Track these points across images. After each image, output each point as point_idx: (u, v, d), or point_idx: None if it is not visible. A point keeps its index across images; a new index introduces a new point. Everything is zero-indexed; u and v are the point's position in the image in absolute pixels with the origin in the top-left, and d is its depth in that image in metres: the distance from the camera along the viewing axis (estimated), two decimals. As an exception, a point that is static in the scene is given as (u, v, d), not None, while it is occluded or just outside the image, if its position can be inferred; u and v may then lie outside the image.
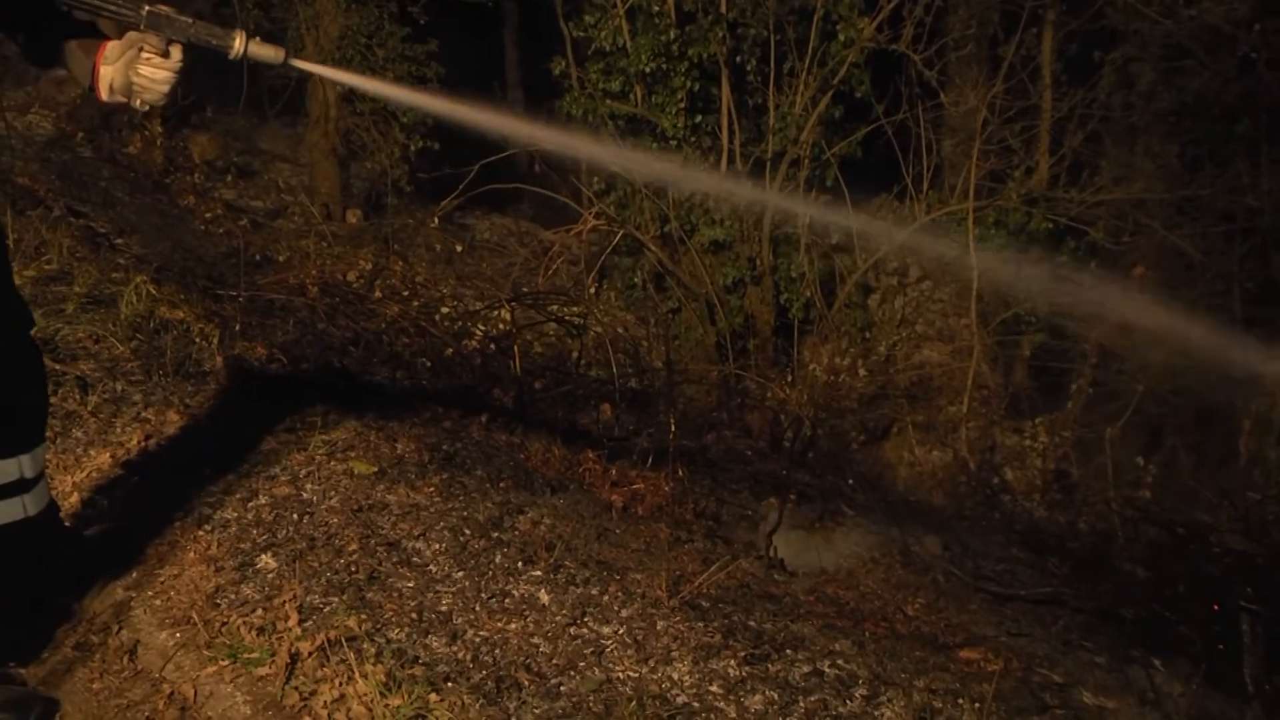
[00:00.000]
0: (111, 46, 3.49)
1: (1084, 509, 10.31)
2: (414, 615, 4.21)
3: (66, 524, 4.50)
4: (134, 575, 4.43)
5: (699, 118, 12.77)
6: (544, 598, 4.41)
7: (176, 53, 3.42)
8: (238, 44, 3.40)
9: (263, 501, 4.92)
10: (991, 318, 11.99)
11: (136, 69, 3.45)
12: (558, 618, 4.31)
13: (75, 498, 4.95)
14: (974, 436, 11.35)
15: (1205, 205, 11.11)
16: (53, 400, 4.36)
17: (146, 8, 3.38)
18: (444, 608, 4.29)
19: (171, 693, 3.90)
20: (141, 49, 3.43)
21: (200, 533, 4.68)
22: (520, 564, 4.64)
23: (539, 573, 4.59)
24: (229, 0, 16.11)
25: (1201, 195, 11.16)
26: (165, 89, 3.48)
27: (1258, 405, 10.08)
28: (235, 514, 4.82)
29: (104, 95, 3.54)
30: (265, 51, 3.46)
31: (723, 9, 12.54)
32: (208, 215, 13.44)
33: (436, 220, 14.77)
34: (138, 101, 3.52)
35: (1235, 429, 10.24)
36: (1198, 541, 8.89)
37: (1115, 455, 10.49)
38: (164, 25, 3.39)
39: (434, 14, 15.31)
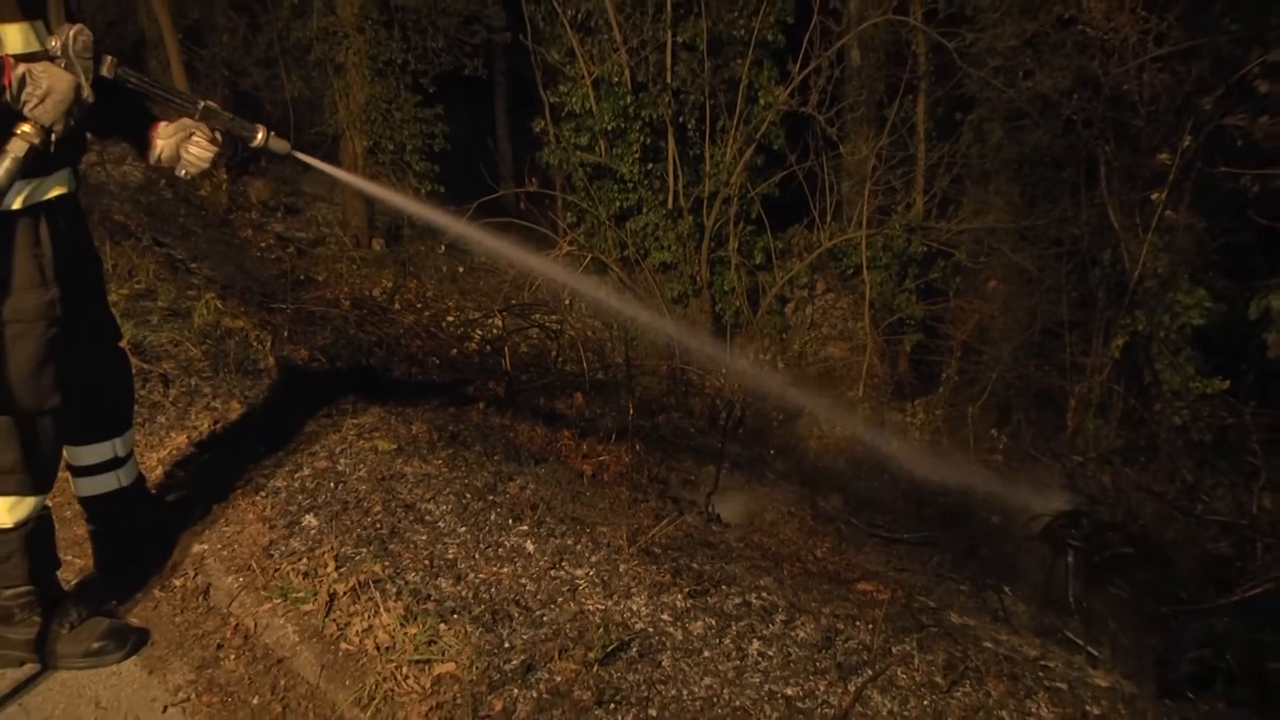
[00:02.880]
0: (164, 127, 3.63)
1: (950, 471, 10.33)
2: (426, 562, 4.20)
3: (152, 491, 4.49)
4: (205, 532, 4.43)
5: (650, 165, 12.77)
6: (529, 547, 4.40)
7: (219, 138, 3.61)
8: (260, 136, 3.66)
9: (306, 473, 4.91)
10: (880, 321, 12.03)
11: (186, 147, 3.60)
12: (540, 563, 4.30)
13: (159, 470, 4.96)
14: (867, 415, 11.38)
15: (1040, 233, 11.17)
16: (140, 393, 4.37)
17: (202, 104, 3.56)
18: (450, 556, 4.28)
19: (236, 624, 3.92)
20: (192, 134, 3.59)
21: (257, 498, 4.67)
22: (510, 520, 4.63)
23: (525, 527, 4.58)
24: (276, 74, 16.10)
25: (1038, 225, 11.23)
26: (208, 165, 3.67)
27: (1080, 388, 10.13)
28: (284, 483, 4.81)
29: (150, 160, 3.69)
30: (279, 144, 3.73)
31: (668, 79, 12.55)
32: (262, 244, 13.40)
33: (443, 247, 14.76)
34: (182, 171, 3.67)
35: (1063, 407, 10.29)
36: (1036, 495, 8.91)
37: (975, 428, 10.53)
38: (213, 118, 3.59)
39: (441, 85, 15.36)
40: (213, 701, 3.56)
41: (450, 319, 12.08)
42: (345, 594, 3.93)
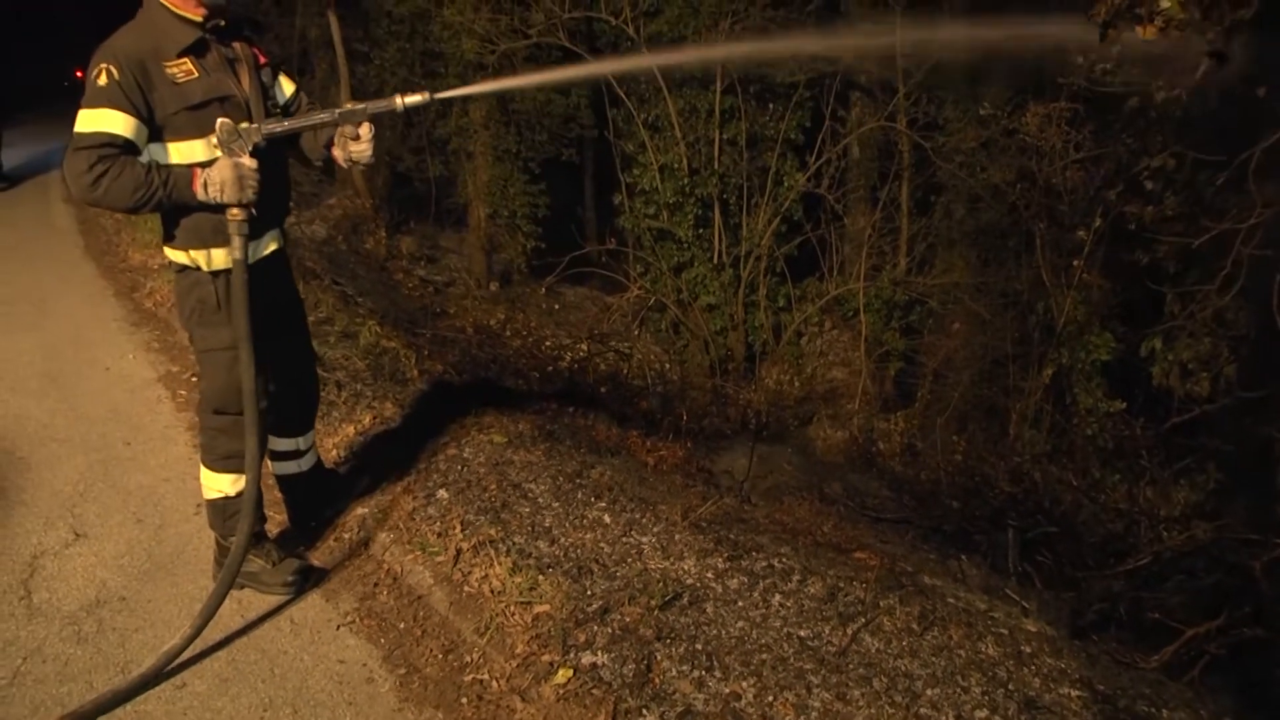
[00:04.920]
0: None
1: (923, 467, 10.31)
2: (529, 528, 4.21)
3: (328, 467, 4.57)
4: (366, 499, 4.48)
5: (701, 230, 12.76)
6: (606, 519, 4.39)
7: (364, 130, 3.40)
8: (398, 102, 3.33)
9: (440, 458, 4.92)
10: (872, 352, 11.99)
11: (348, 148, 3.46)
12: (614, 531, 4.28)
13: (334, 452, 5.03)
14: (861, 423, 11.34)
15: (992, 288, 11.16)
16: (320, 394, 4.43)
17: (337, 112, 3.38)
18: (546, 524, 4.27)
19: (388, 569, 4.00)
20: (348, 137, 3.44)
21: (404, 475, 4.70)
22: (592, 498, 4.61)
23: (603, 504, 4.56)
24: (424, 158, 16.26)
25: (990, 281, 11.23)
26: (369, 152, 3.47)
27: (1019, 405, 10.11)
28: (424, 464, 4.83)
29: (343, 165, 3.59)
30: (417, 98, 3.36)
31: (715, 166, 12.58)
32: (409, 285, 13.52)
33: (543, 289, 14.83)
34: (360, 165, 3.57)
35: (1007, 420, 10.27)
36: (986, 486, 8.89)
37: (941, 435, 10.46)
38: (353, 116, 3.37)
39: (544, 167, 15.41)
40: (371, 624, 3.64)
41: (547, 344, 12.18)
42: (468, 550, 3.96)
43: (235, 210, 3.23)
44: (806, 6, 12.36)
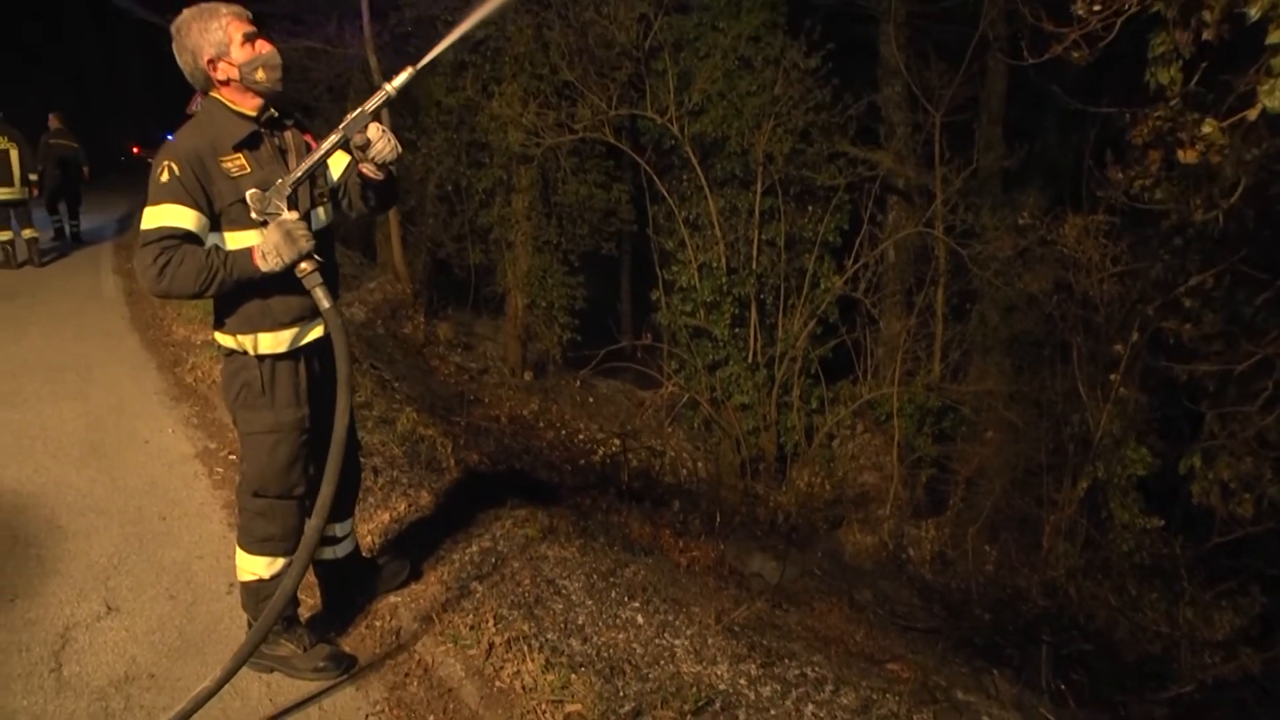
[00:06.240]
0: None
1: (954, 576, 10.19)
2: (562, 625, 4.16)
3: (364, 555, 4.54)
4: (400, 588, 4.44)
5: (737, 329, 12.79)
6: (640, 619, 4.34)
7: (373, 132, 3.29)
8: (388, 88, 3.17)
9: (474, 549, 4.89)
10: (905, 458, 11.90)
11: (370, 156, 3.37)
12: (648, 632, 4.23)
13: (368, 538, 4.99)
14: (892, 528, 11.22)
15: (1026, 397, 11.13)
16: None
17: (341, 130, 3.29)
18: (580, 622, 4.22)
19: (419, 659, 3.93)
20: (362, 145, 3.33)
21: (438, 565, 4.66)
22: (626, 598, 4.56)
23: (637, 604, 4.51)
24: (464, 246, 16.44)
25: (1024, 391, 11.20)
26: (390, 147, 3.37)
27: (1053, 517, 9.99)
28: (458, 556, 4.80)
29: (373, 174, 3.47)
30: (402, 76, 3.17)
31: (754, 266, 12.65)
32: (445, 371, 13.60)
33: (578, 382, 14.86)
34: (389, 162, 3.42)
35: (1040, 532, 10.14)
36: (1019, 599, 8.76)
37: (973, 545, 10.34)
38: (355, 124, 3.26)
39: (583, 259, 15.53)
40: (400, 715, 3.56)
41: (580, 437, 12.17)
42: (501, 645, 3.91)
43: (303, 265, 3.28)
44: (848, 110, 12.49)
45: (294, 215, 3.30)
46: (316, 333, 3.62)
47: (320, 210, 3.54)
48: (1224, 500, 7.01)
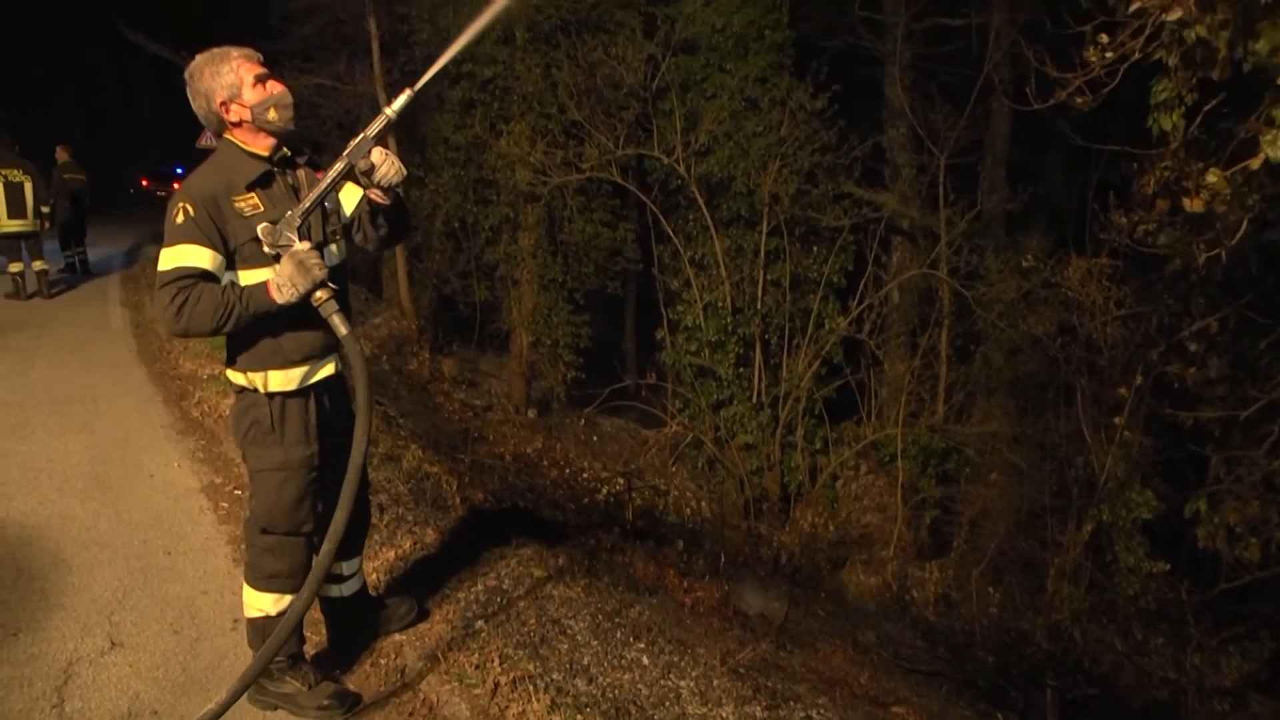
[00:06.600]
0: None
1: (957, 618, 10.15)
2: (568, 665, 4.14)
3: (370, 593, 4.52)
4: (405, 627, 4.42)
5: (742, 369, 12.81)
6: (645, 660, 4.32)
7: (376, 156, 3.29)
8: (389, 112, 3.20)
9: (480, 588, 4.86)
10: (908, 499, 11.88)
11: (376, 180, 3.37)
12: (653, 673, 4.21)
13: (373, 576, 4.95)
14: (895, 570, 11.18)
15: (1030, 439, 11.13)
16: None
17: (345, 157, 3.30)
18: (585, 662, 4.20)
19: (424, 698, 3.90)
20: (367, 170, 3.33)
21: (443, 604, 4.63)
22: (631, 639, 4.54)
23: (642, 645, 4.49)
24: (470, 283, 16.48)
25: (1028, 433, 11.20)
26: (395, 170, 3.36)
27: (1058, 560, 9.97)
28: (464, 594, 4.77)
29: (381, 199, 3.50)
30: (401, 99, 3.19)
31: (759, 306, 12.69)
32: (449, 408, 13.58)
33: (582, 420, 14.85)
34: (395, 185, 3.42)
35: (1044, 574, 10.12)
36: (1023, 642, 8.73)
37: (977, 587, 10.31)
38: (359, 150, 3.26)
39: (587, 298, 15.55)
40: (404, 756, 3.58)
41: (584, 475, 12.15)
42: (506, 684, 3.88)
43: (318, 294, 3.31)
44: (853, 151, 12.56)
45: (306, 245, 3.33)
46: (326, 371, 3.63)
47: (334, 246, 3.57)
48: (1230, 545, 6.99)
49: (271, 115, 3.36)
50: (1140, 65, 4.91)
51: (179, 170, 44.39)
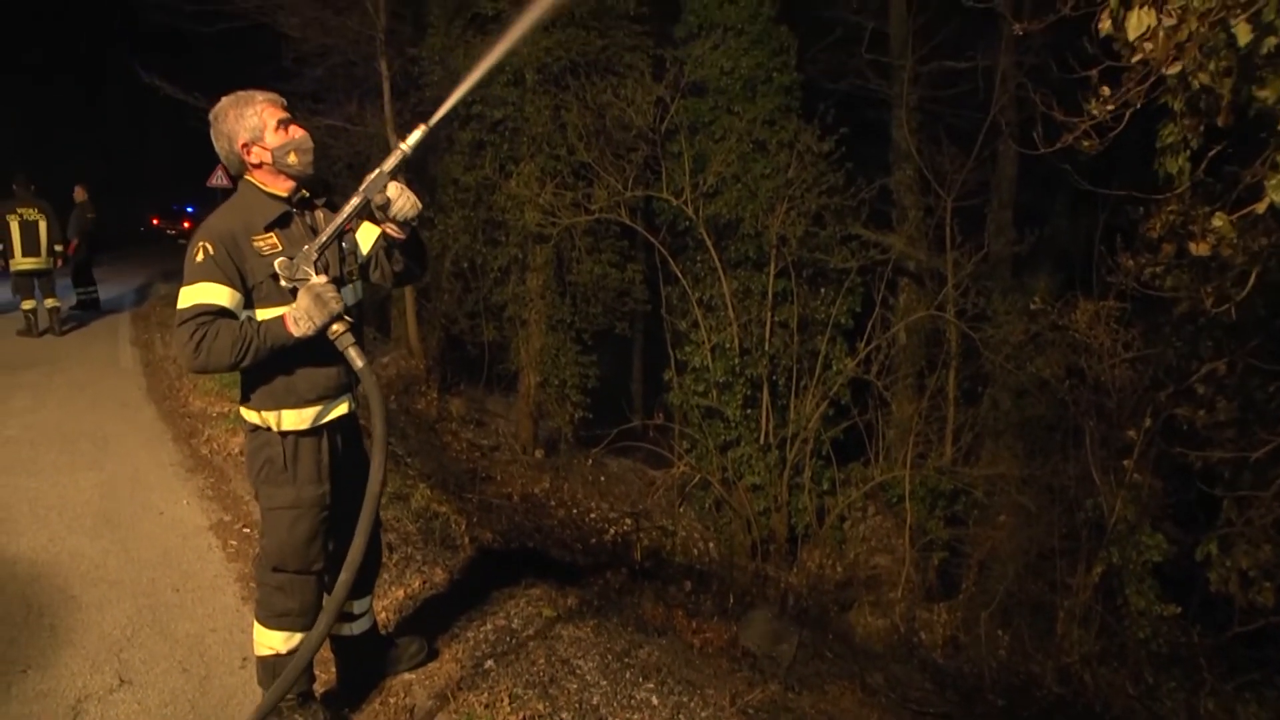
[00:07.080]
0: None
1: (966, 661, 10.09)
2: (577, 705, 4.12)
3: (380, 632, 4.52)
4: (415, 666, 4.41)
5: (749, 410, 12.80)
6: (655, 701, 4.30)
7: (392, 191, 3.32)
8: (404, 147, 3.25)
9: (489, 628, 4.86)
10: (916, 540, 11.82)
11: (392, 215, 3.39)
12: (662, 714, 4.19)
13: (383, 615, 4.96)
14: (903, 611, 11.12)
15: (1039, 481, 11.10)
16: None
17: (361, 194, 3.34)
18: (594, 702, 4.19)
19: (431, 740, 3.87)
20: (383, 205, 3.36)
21: (452, 643, 4.64)
22: (640, 679, 4.53)
23: (651, 685, 4.48)
24: (478, 323, 16.51)
25: (1037, 475, 11.17)
26: (410, 204, 3.38)
27: (1067, 603, 9.92)
28: (473, 634, 4.77)
29: (397, 233, 3.52)
30: (416, 134, 3.24)
31: (767, 348, 12.70)
32: (457, 447, 13.58)
33: (589, 460, 14.81)
34: (410, 219, 3.43)
35: (1054, 617, 10.06)
36: (1033, 685, 8.67)
37: (986, 629, 10.26)
38: (374, 185, 3.30)
39: (595, 338, 15.55)
40: (413, 796, 3.56)
41: (592, 515, 12.13)
42: (515, 724, 3.90)
43: (335, 327, 3.34)
44: (860, 193, 12.62)
45: (323, 279, 3.36)
46: (340, 410, 3.65)
47: (351, 287, 3.59)
48: (1243, 588, 6.95)
49: (292, 159, 3.41)
50: (1146, 109, 4.95)
51: (190, 209, 44.75)
